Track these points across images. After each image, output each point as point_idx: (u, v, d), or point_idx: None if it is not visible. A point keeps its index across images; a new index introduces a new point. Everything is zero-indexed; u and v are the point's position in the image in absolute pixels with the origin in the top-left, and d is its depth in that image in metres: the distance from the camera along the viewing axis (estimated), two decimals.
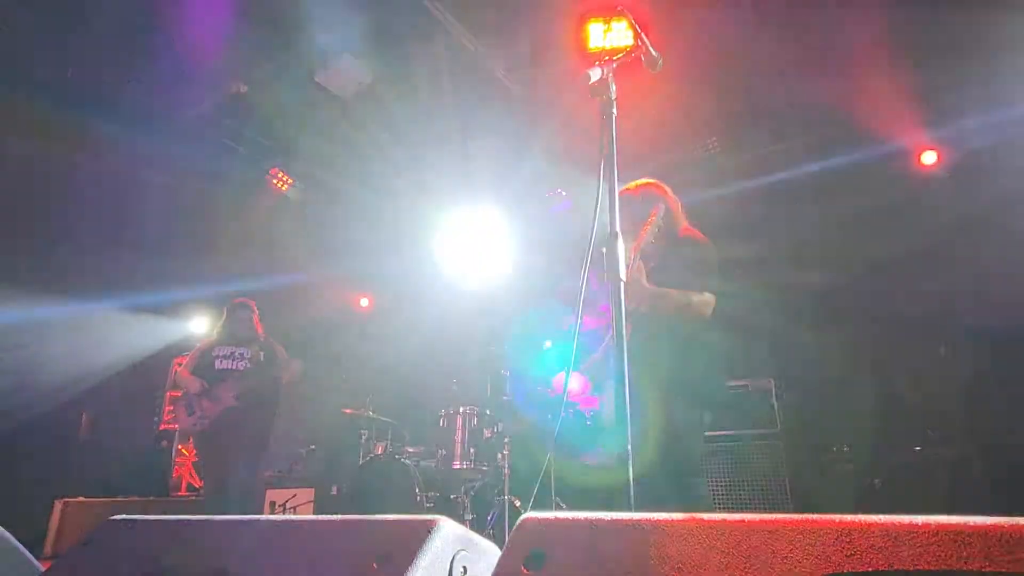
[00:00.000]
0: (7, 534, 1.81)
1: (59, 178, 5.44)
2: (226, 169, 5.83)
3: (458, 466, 3.99)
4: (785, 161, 5.30)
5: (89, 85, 4.62)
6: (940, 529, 0.66)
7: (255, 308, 4.43)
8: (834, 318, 5.10)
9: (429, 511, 3.94)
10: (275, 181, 5.76)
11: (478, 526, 3.87)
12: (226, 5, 4.05)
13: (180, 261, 6.16)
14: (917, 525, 0.68)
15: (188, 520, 1.24)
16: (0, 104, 4.63)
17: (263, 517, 1.17)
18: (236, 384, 4.09)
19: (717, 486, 4.15)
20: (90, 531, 1.29)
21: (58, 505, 4.66)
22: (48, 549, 4.45)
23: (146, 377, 6.51)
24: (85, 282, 5.61)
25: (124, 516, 1.30)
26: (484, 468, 4.00)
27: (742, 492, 4.05)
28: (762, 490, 3.98)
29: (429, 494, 3.99)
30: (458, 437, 4.07)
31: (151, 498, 5.52)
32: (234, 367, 4.18)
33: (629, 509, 1.44)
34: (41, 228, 5.53)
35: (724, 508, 4.10)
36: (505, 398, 4.42)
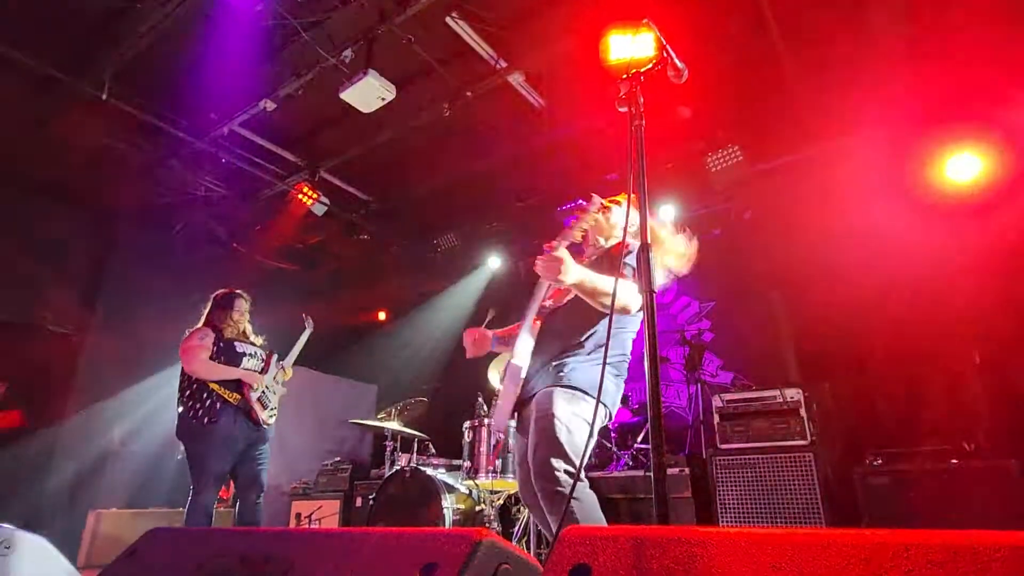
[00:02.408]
0: (50, 545, 1.85)
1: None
2: (252, 184, 5.95)
3: (483, 478, 3.98)
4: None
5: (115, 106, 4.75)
6: (1003, 544, 0.64)
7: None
8: (865, 326, 5.00)
9: (455, 523, 3.94)
10: (301, 196, 5.85)
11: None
12: (254, 24, 4.16)
13: (206, 280, 6.27)
14: (978, 539, 0.66)
15: (230, 530, 1.26)
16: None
17: (305, 528, 1.18)
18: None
19: (743, 500, 4.08)
20: (134, 542, 1.31)
21: (91, 516, 4.74)
22: (82, 559, 4.52)
23: (170, 388, 6.61)
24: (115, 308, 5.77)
25: (167, 526, 1.33)
26: (509, 480, 3.98)
27: (770, 507, 3.97)
28: (793, 505, 3.89)
29: (455, 507, 3.98)
30: (483, 449, 4.06)
31: (180, 509, 5.60)
32: (258, 368, 3.74)
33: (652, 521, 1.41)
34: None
35: (752, 523, 4.02)
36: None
